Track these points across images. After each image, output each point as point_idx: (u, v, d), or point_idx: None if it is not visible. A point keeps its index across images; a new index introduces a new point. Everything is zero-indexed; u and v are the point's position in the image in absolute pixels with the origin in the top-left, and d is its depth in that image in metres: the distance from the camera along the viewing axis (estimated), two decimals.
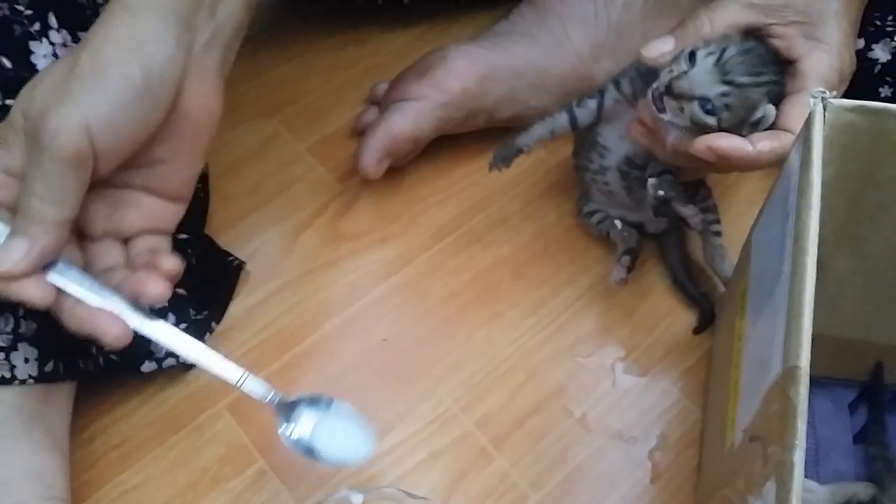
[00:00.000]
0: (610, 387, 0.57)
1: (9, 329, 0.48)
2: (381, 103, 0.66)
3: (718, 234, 0.58)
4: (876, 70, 0.59)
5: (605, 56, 0.64)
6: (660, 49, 0.49)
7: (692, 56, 0.46)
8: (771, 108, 0.47)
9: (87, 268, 0.43)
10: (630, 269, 0.58)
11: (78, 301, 0.41)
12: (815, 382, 0.51)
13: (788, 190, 0.41)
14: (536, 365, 0.57)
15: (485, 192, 0.65)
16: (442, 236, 0.63)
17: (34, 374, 0.48)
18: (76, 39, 0.50)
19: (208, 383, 0.57)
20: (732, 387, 0.46)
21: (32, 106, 0.39)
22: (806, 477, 0.47)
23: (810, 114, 0.40)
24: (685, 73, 0.46)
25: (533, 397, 0.56)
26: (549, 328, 0.59)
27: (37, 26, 0.48)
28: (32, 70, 0.48)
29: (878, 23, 0.60)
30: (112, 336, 0.41)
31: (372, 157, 0.62)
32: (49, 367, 0.49)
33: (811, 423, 0.51)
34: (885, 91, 0.59)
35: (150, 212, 0.45)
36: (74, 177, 0.39)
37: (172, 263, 0.44)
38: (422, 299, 0.61)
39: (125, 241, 0.45)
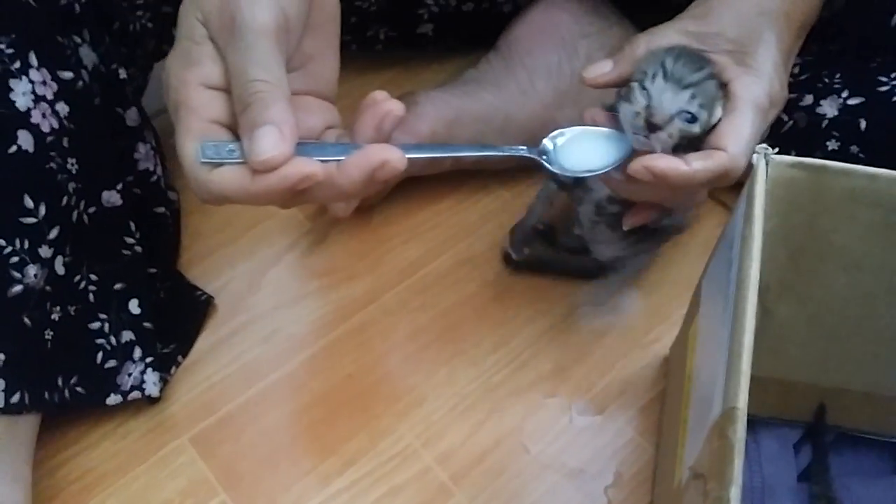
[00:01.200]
0: (567, 424, 0.58)
1: None
2: None
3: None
4: (823, 125, 0.62)
5: (568, 104, 0.67)
6: (599, 70, 0.50)
7: (643, 89, 0.46)
8: (719, 110, 0.47)
9: None
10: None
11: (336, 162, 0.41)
12: (761, 422, 0.54)
13: (733, 239, 0.43)
14: (497, 402, 0.59)
15: (450, 232, 0.67)
16: (407, 275, 0.65)
17: (0, 405, 0.49)
18: (55, 78, 0.52)
19: (172, 416, 0.57)
20: (682, 425, 0.48)
21: (211, 8, 0.40)
22: None
23: (753, 168, 0.42)
24: (649, 106, 0.46)
25: (492, 434, 0.57)
26: (509, 366, 0.61)
27: (17, 64, 0.50)
28: (11, 106, 0.49)
29: (826, 80, 0.63)
30: (397, 158, 0.40)
31: None
32: (15, 398, 0.49)
33: (757, 462, 0.54)
34: (832, 145, 0.62)
35: (320, 110, 0.46)
36: (280, 49, 0.40)
37: (396, 106, 0.45)
38: (387, 336, 0.62)
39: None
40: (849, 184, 0.43)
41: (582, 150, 0.48)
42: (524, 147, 0.49)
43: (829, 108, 0.62)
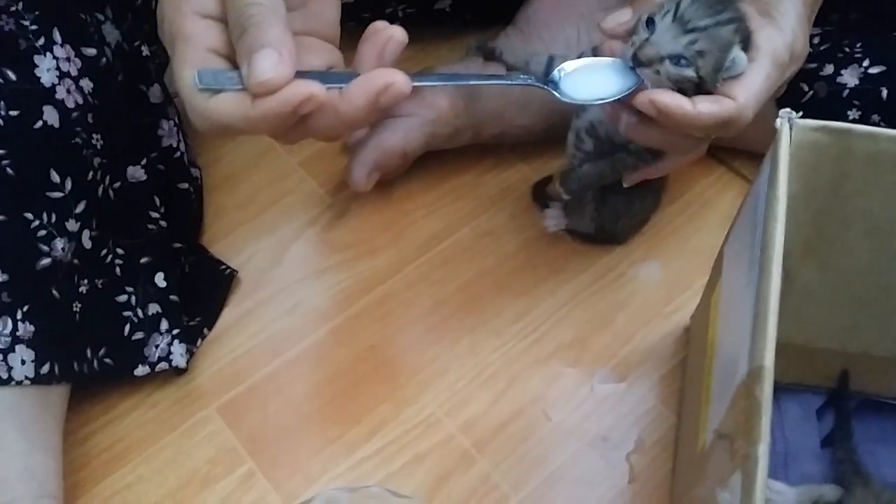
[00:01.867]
0: (589, 393, 0.59)
1: (7, 331, 0.49)
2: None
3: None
4: (844, 94, 0.61)
5: None
6: (617, 20, 0.49)
7: (650, 22, 0.46)
8: (741, 56, 0.46)
9: None
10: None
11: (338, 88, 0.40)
12: (784, 389, 0.54)
13: (757, 204, 0.43)
14: (518, 372, 0.59)
15: (471, 205, 0.68)
16: (429, 248, 0.65)
17: (31, 375, 0.50)
18: (79, 54, 0.52)
19: (199, 387, 0.58)
20: (704, 392, 0.48)
21: None
22: (775, 479, 0.50)
23: (777, 133, 0.42)
24: (647, 40, 0.46)
25: (514, 403, 0.58)
26: (531, 336, 0.61)
27: (41, 41, 0.50)
28: (36, 83, 0.50)
29: (846, 49, 0.63)
30: (401, 81, 0.40)
31: (362, 171, 0.64)
32: (45, 369, 0.50)
33: (780, 428, 0.54)
34: (853, 114, 0.61)
35: (322, 51, 0.45)
36: None
37: (398, 31, 0.44)
38: (408, 308, 0.63)
39: None
40: (873, 147, 0.43)
41: (590, 79, 0.48)
42: (531, 76, 0.49)
43: (849, 77, 0.62)
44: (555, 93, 0.48)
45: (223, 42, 0.41)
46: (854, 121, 0.61)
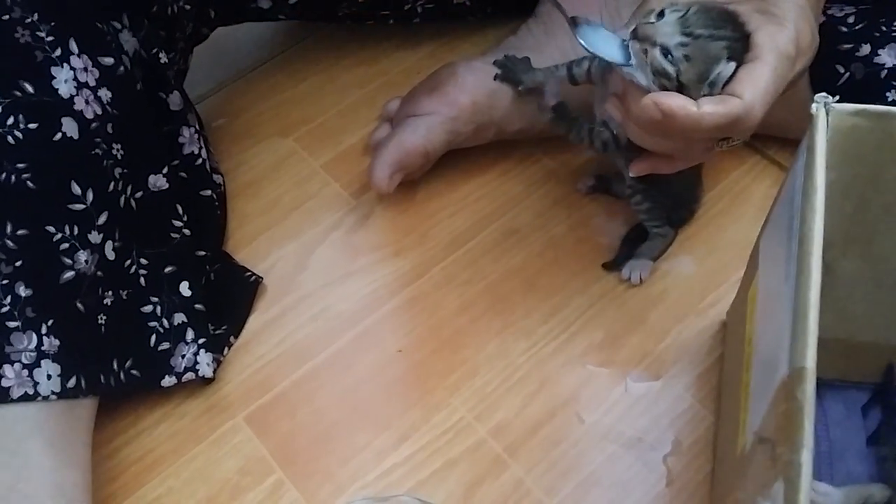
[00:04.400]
0: (622, 393, 0.57)
1: (32, 346, 0.49)
2: (394, 119, 0.67)
3: (656, 230, 0.61)
4: (883, 75, 0.59)
5: None
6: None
7: (661, 13, 0.48)
8: (729, 66, 0.47)
9: None
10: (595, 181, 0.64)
11: None
12: (826, 385, 0.52)
13: (793, 193, 0.41)
14: (549, 373, 0.58)
15: (496, 203, 0.66)
16: (454, 248, 0.64)
17: (57, 390, 0.49)
18: (96, 64, 0.52)
19: (226, 396, 0.58)
20: (743, 390, 0.46)
21: None
22: (819, 480, 0.48)
23: (813, 118, 0.40)
24: (652, 23, 0.48)
25: (546, 405, 0.57)
26: (561, 336, 0.60)
27: (58, 52, 0.50)
28: (54, 94, 0.49)
29: (883, 28, 0.60)
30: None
31: (384, 171, 0.63)
32: (72, 383, 0.50)
33: (824, 426, 0.52)
34: (892, 95, 0.59)
35: None
36: None
37: None
38: (435, 310, 0.61)
39: None
40: None
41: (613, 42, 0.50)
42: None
43: (888, 57, 0.59)
44: (580, 40, 0.50)
45: None
46: (893, 102, 0.59)
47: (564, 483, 0.53)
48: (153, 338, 0.55)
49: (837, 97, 0.41)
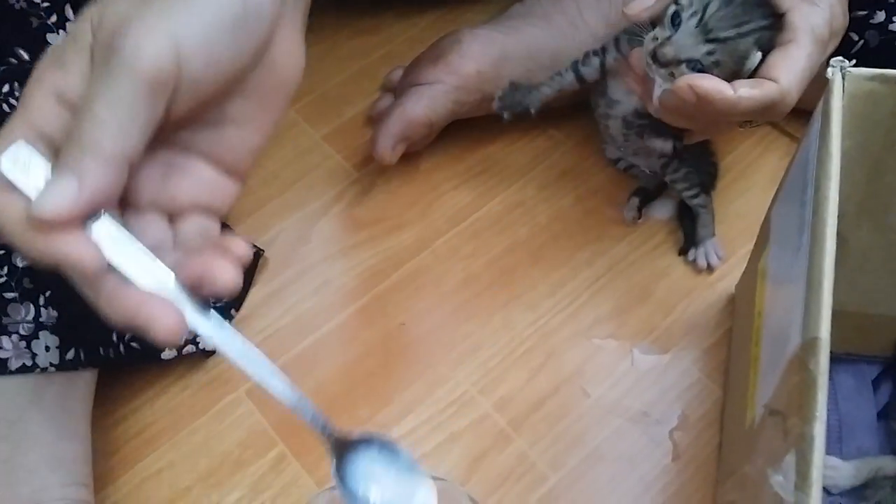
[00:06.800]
0: (629, 367, 0.56)
1: (30, 318, 0.48)
2: (396, 90, 0.66)
3: (695, 201, 0.59)
4: None
5: None
6: (640, 6, 0.49)
7: (675, 19, 0.46)
8: (756, 55, 0.46)
9: None
10: (640, 209, 0.61)
11: (123, 282, 0.32)
12: (837, 359, 0.51)
13: (807, 161, 0.40)
14: (554, 347, 0.57)
15: (500, 176, 0.65)
16: (458, 221, 0.63)
17: (55, 362, 0.49)
18: None
19: (228, 369, 0.57)
20: (753, 364, 0.46)
21: (108, 16, 0.32)
22: (830, 454, 0.48)
23: (829, 83, 0.39)
24: (668, 38, 0.46)
25: (551, 379, 0.56)
26: (566, 310, 0.59)
27: (53, 18, 0.49)
28: None
29: None
30: (166, 330, 0.32)
31: (387, 142, 0.62)
32: (70, 354, 0.50)
33: (834, 400, 0.51)
34: None
35: (206, 183, 0.36)
36: (149, 103, 0.31)
37: (244, 248, 0.34)
38: (439, 284, 0.61)
39: (170, 218, 0.36)
40: None
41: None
42: None
43: None
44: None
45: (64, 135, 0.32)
46: None
47: (569, 457, 0.53)
48: None
49: (854, 62, 0.40)
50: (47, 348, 0.49)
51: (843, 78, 0.39)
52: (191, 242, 0.35)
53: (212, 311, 0.34)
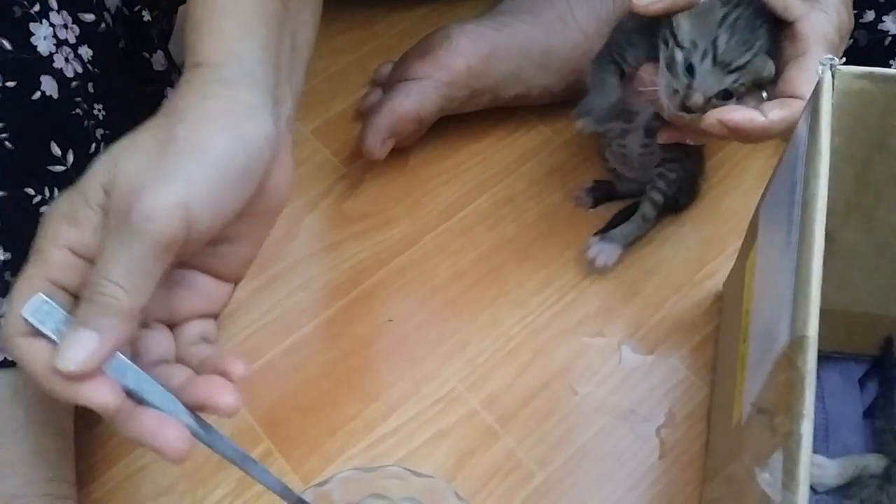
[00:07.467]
0: (616, 365, 0.56)
1: None
2: (385, 84, 0.65)
3: (647, 206, 0.59)
4: (886, 42, 0.58)
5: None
6: None
7: (690, 69, 0.47)
8: (770, 64, 0.47)
9: (136, 359, 0.37)
10: (596, 199, 0.62)
11: (137, 406, 0.36)
12: (824, 357, 0.51)
13: (796, 159, 0.40)
14: (542, 344, 0.57)
15: (490, 171, 0.65)
16: (447, 217, 0.63)
17: None
18: (77, 21, 0.50)
19: None
20: (740, 362, 0.46)
21: (121, 178, 0.35)
22: (816, 452, 0.47)
23: (818, 81, 0.39)
24: (689, 85, 0.47)
25: (539, 376, 0.56)
26: (554, 307, 0.59)
27: (36, 7, 0.48)
28: (33, 51, 0.48)
29: None
30: (175, 451, 0.35)
31: (376, 137, 0.61)
32: None
33: (820, 398, 0.51)
34: None
35: (205, 293, 0.41)
36: (161, 261, 0.35)
37: (242, 370, 0.37)
38: (427, 280, 0.60)
39: (172, 325, 0.41)
40: None
41: None
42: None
43: (892, 23, 0.58)
44: None
45: (80, 285, 0.36)
46: None
47: (556, 454, 0.53)
48: None
49: (843, 59, 0.40)
50: None
51: (833, 76, 0.39)
52: (192, 349, 0.39)
53: (211, 426, 0.38)
